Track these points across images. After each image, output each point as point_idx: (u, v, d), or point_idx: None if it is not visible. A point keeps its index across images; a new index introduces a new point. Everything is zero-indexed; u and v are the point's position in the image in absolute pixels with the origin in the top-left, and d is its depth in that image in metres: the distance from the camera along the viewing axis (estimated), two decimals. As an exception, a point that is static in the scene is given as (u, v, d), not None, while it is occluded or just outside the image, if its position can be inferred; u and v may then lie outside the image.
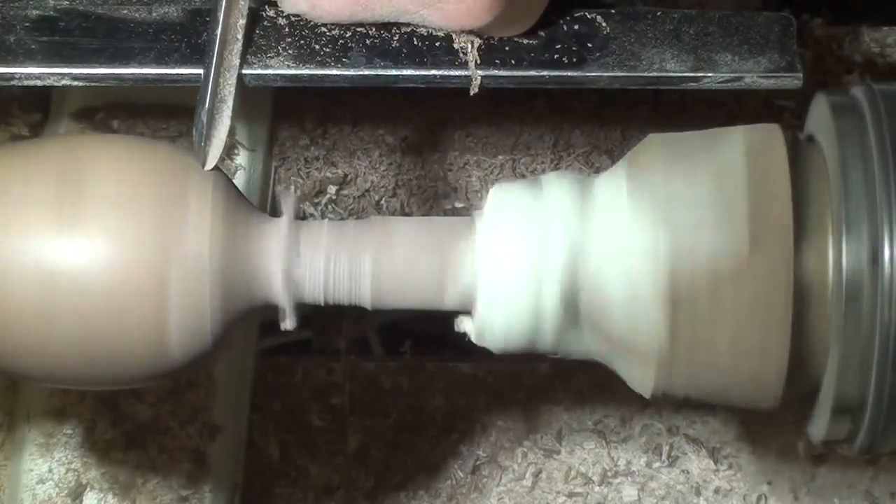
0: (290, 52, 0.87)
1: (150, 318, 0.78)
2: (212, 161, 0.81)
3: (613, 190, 0.80)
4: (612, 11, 0.90)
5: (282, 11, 0.88)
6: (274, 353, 1.15)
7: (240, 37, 0.85)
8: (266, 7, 0.88)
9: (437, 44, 0.88)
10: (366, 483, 1.13)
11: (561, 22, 0.89)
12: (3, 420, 1.06)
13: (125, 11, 0.89)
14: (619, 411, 1.14)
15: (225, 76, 0.84)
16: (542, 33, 0.88)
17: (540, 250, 0.79)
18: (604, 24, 0.89)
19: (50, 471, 1.03)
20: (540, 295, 0.79)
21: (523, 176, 1.15)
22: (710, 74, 0.88)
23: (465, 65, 0.87)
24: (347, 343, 1.16)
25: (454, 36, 0.87)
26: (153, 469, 1.03)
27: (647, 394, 0.80)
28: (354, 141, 1.15)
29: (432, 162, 1.15)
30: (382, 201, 1.15)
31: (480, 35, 0.87)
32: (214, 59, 0.84)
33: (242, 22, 0.85)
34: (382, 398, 1.15)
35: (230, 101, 0.83)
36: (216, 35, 0.84)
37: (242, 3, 0.85)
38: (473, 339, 0.82)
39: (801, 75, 0.88)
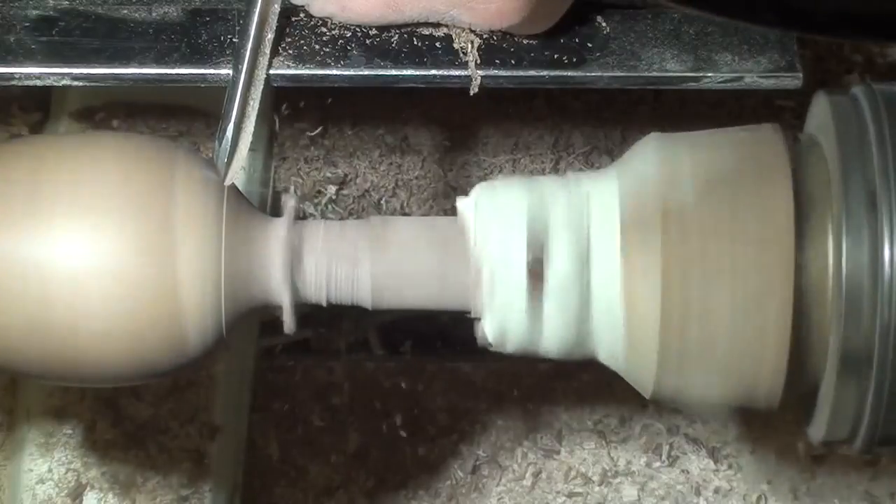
0: (290, 52, 0.87)
1: (151, 318, 0.78)
2: (232, 176, 0.81)
3: (605, 174, 0.80)
4: (612, 11, 0.90)
5: (283, 11, 0.88)
6: (274, 353, 1.15)
7: (268, 51, 0.85)
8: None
9: (437, 44, 0.88)
10: (366, 483, 1.13)
11: (561, 22, 0.89)
12: (3, 420, 1.06)
13: (125, 11, 0.89)
14: (619, 411, 1.14)
15: (252, 91, 0.84)
16: (542, 33, 0.89)
17: (538, 248, 0.79)
18: (604, 24, 0.89)
19: (50, 471, 1.03)
20: (540, 293, 0.79)
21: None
22: (710, 74, 0.88)
23: (465, 65, 0.87)
24: (347, 343, 1.16)
25: (454, 36, 0.87)
26: (153, 469, 1.03)
27: (647, 393, 0.80)
28: (354, 141, 1.15)
29: (432, 162, 1.15)
30: (382, 201, 1.15)
31: (482, 35, 0.87)
32: (243, 73, 0.84)
33: (271, 36, 0.85)
34: (382, 398, 1.15)
35: (254, 116, 0.84)
36: (246, 50, 0.84)
37: (272, 17, 0.85)
38: (479, 341, 0.82)
39: (801, 75, 0.88)
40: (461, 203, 0.82)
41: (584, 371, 1.14)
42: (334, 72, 0.87)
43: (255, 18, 0.85)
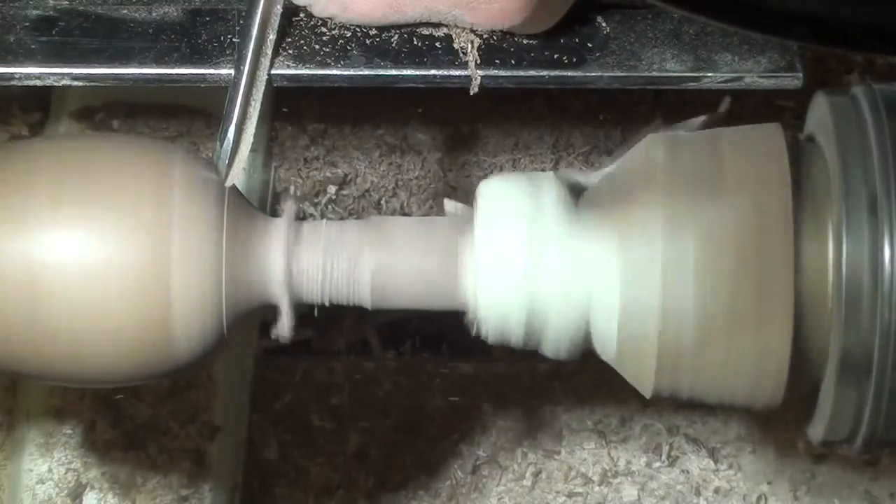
0: (290, 52, 0.87)
1: (151, 318, 0.78)
2: (233, 177, 0.81)
3: (606, 253, 0.80)
4: (612, 11, 0.90)
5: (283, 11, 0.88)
6: (274, 353, 1.15)
7: (269, 52, 0.85)
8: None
9: (437, 44, 0.88)
10: (366, 483, 1.13)
11: (561, 22, 0.89)
12: (3, 420, 1.06)
13: (125, 11, 0.89)
14: (619, 411, 1.14)
15: (254, 93, 0.84)
16: (542, 33, 0.88)
17: (536, 250, 0.79)
18: (604, 24, 0.89)
19: (50, 471, 1.03)
20: (537, 292, 0.79)
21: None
22: (710, 74, 0.88)
23: (465, 65, 0.87)
24: (347, 343, 1.16)
25: (454, 36, 0.87)
26: (153, 469, 1.03)
27: (647, 393, 0.80)
28: (354, 141, 1.15)
29: (432, 162, 1.15)
30: (382, 201, 1.15)
31: (482, 35, 0.87)
32: (245, 75, 0.84)
33: (273, 37, 0.85)
34: (382, 398, 1.15)
35: (255, 117, 0.84)
36: (248, 51, 0.84)
37: (275, 18, 0.85)
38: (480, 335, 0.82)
39: (801, 75, 0.88)
40: (461, 242, 0.81)
41: (584, 371, 1.14)
42: (334, 72, 0.87)
43: (258, 19, 0.85)
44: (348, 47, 0.87)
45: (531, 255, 0.79)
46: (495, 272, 0.79)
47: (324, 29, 0.88)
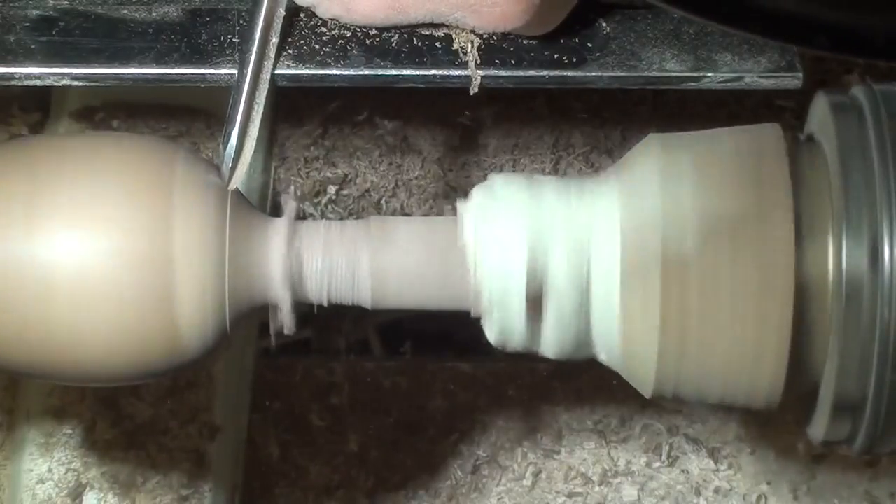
0: (290, 52, 0.87)
1: (155, 318, 0.78)
2: (236, 180, 0.82)
3: (606, 190, 0.80)
4: (613, 11, 0.90)
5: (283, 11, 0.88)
6: (274, 353, 1.15)
7: (272, 55, 0.85)
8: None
9: (437, 44, 0.88)
10: (366, 483, 1.13)
11: (561, 22, 0.89)
12: (3, 420, 1.06)
13: (125, 11, 0.89)
14: (619, 411, 1.14)
15: (256, 95, 0.84)
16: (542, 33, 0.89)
17: (537, 244, 0.79)
18: (604, 24, 0.89)
19: (50, 471, 1.03)
20: (538, 290, 0.79)
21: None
22: (710, 74, 0.88)
23: (465, 65, 0.87)
24: (347, 343, 1.16)
25: (454, 36, 0.87)
26: (153, 469, 1.03)
27: (647, 392, 0.80)
28: (354, 141, 1.15)
29: (432, 162, 1.15)
30: (382, 201, 1.15)
31: (482, 35, 0.87)
32: (248, 78, 0.84)
33: (276, 40, 0.85)
34: (382, 398, 1.15)
35: (258, 120, 0.84)
36: (251, 54, 0.84)
37: (277, 21, 0.85)
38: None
39: (801, 75, 0.88)
40: (461, 208, 0.81)
41: (584, 371, 1.14)
42: (334, 72, 0.87)
43: (261, 22, 0.85)
44: (348, 47, 0.88)
45: (530, 251, 0.79)
46: (494, 269, 0.79)
47: (324, 29, 0.88)
